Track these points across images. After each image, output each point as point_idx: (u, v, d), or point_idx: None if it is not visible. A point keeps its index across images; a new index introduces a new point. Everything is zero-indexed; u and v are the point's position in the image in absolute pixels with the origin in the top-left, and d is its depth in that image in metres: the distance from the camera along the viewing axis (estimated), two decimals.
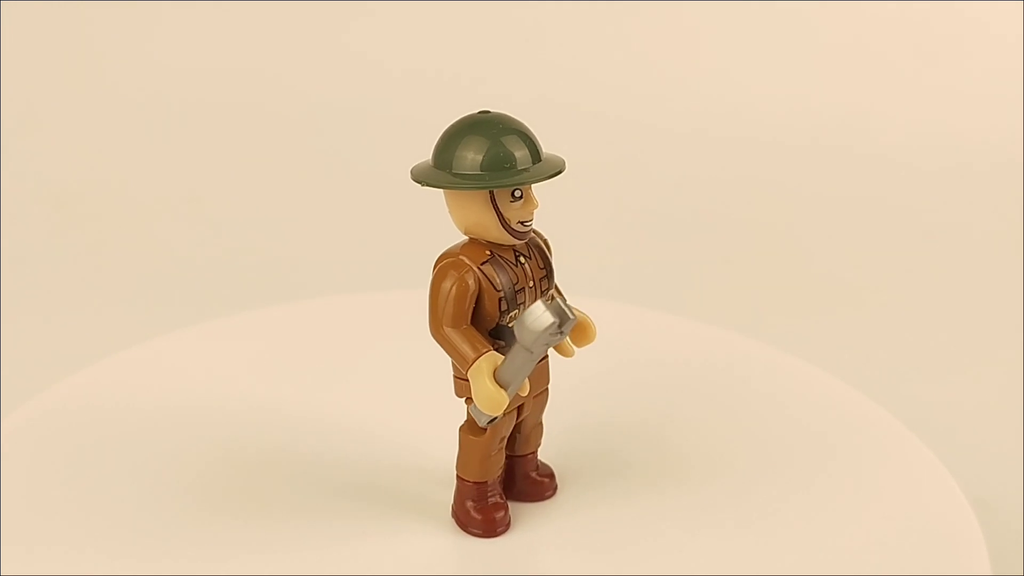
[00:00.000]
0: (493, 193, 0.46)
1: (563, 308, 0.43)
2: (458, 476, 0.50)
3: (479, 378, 0.46)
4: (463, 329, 0.47)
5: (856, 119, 1.13)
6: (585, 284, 0.60)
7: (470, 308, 0.47)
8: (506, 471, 0.52)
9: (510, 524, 0.51)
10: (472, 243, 0.48)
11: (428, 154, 0.48)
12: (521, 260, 0.48)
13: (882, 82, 1.16)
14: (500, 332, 0.47)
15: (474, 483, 0.50)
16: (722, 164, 1.08)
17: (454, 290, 0.47)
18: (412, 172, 0.47)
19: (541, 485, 0.53)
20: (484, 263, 0.47)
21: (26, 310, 0.84)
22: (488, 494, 0.50)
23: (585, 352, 0.50)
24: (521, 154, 0.46)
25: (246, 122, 1.12)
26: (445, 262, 0.47)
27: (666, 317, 0.70)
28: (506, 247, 0.48)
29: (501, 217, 0.47)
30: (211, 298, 0.86)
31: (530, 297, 0.48)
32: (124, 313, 0.85)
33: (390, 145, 0.95)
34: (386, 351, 0.63)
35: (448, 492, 0.51)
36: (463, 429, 0.50)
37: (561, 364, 0.50)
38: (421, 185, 0.47)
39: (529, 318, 0.43)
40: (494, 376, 0.46)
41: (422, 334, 0.48)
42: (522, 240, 0.48)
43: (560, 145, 0.51)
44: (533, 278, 0.48)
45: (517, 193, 0.46)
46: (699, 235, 0.98)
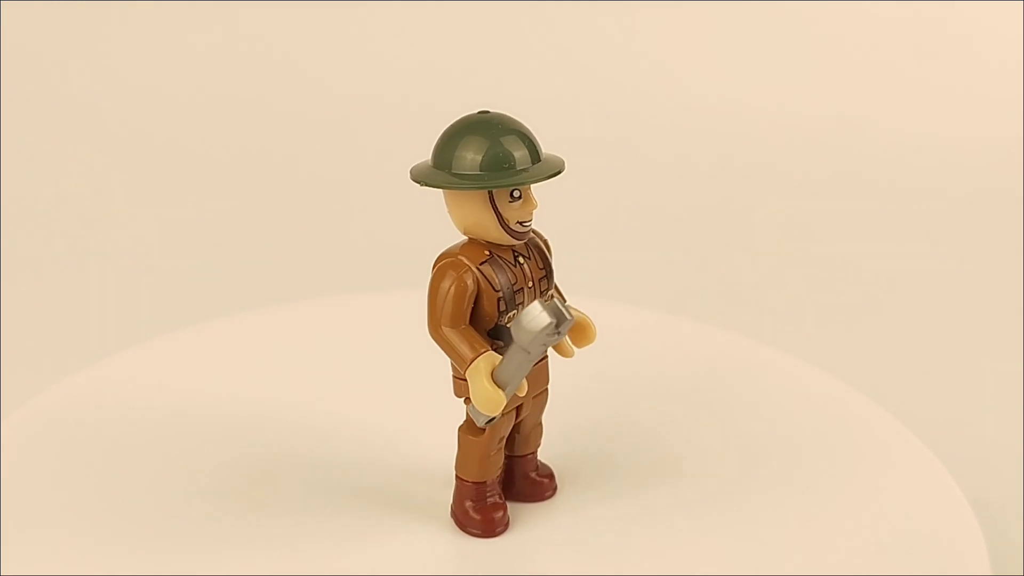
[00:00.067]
0: (492, 193, 0.46)
1: (560, 308, 0.43)
2: (457, 476, 0.50)
3: (477, 378, 0.46)
4: (461, 329, 0.47)
5: (856, 122, 1.13)
6: (585, 284, 0.60)
7: (468, 308, 0.47)
8: (506, 471, 0.52)
9: (509, 524, 0.51)
10: (471, 243, 0.48)
11: (428, 154, 0.48)
12: (520, 260, 0.48)
13: (882, 83, 1.16)
14: (499, 332, 0.47)
15: (473, 483, 0.50)
16: (722, 165, 1.08)
17: (452, 290, 0.47)
18: (411, 172, 0.47)
19: (541, 485, 0.53)
20: (483, 263, 0.47)
21: (26, 310, 0.84)
22: (487, 494, 0.50)
23: (585, 352, 0.50)
24: (520, 154, 0.46)
25: (246, 122, 1.12)
26: (444, 262, 0.47)
27: (666, 317, 0.70)
28: (505, 247, 0.48)
29: (500, 217, 0.47)
30: (211, 298, 0.85)
31: (529, 297, 0.48)
32: (124, 313, 0.84)
33: (390, 145, 0.95)
34: (386, 351, 0.63)
35: (447, 492, 0.51)
36: (462, 429, 0.50)
37: (561, 364, 0.50)
38: (420, 185, 0.47)
39: (526, 318, 0.43)
40: (492, 376, 0.46)
41: (422, 334, 0.48)
42: (521, 240, 0.48)
43: (560, 145, 0.51)
44: (532, 278, 0.48)
45: (516, 193, 0.46)
46: (699, 235, 0.98)
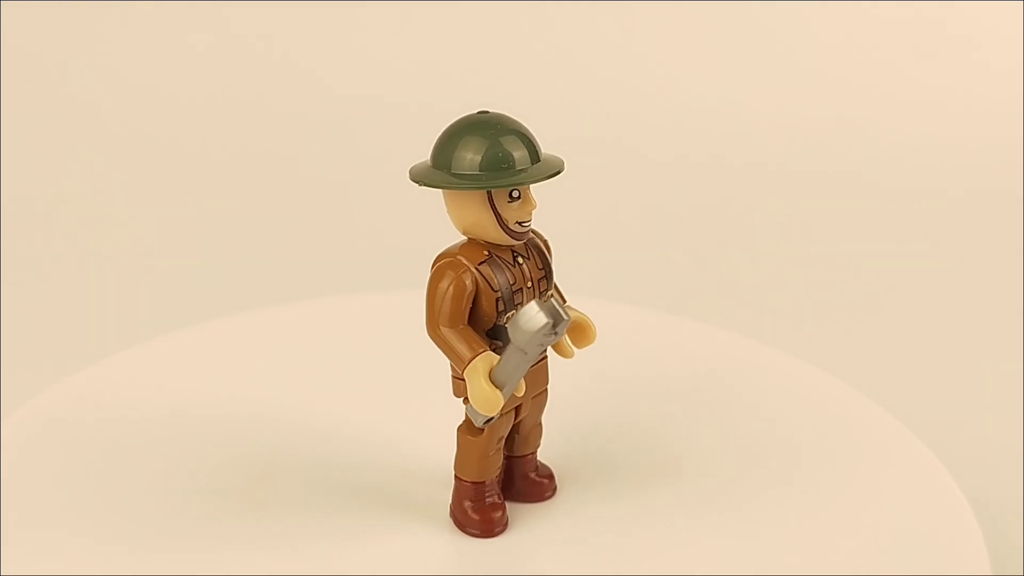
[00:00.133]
0: (491, 193, 0.46)
1: (557, 309, 0.43)
2: (456, 476, 0.50)
3: (474, 378, 0.46)
4: (459, 329, 0.47)
5: (856, 122, 1.13)
6: (585, 284, 0.60)
7: (467, 308, 0.47)
8: (505, 472, 0.52)
9: (508, 524, 0.51)
10: (470, 243, 0.48)
11: (427, 154, 0.48)
12: (519, 261, 0.48)
13: (882, 83, 1.16)
14: (497, 332, 0.47)
15: (472, 483, 0.50)
16: (722, 165, 1.08)
17: (451, 290, 0.47)
18: (411, 172, 0.47)
19: (540, 486, 0.53)
20: (482, 263, 0.47)
21: (26, 310, 0.84)
22: (486, 494, 0.50)
23: (585, 353, 0.50)
24: (520, 154, 0.46)
25: (246, 122, 1.12)
26: (442, 262, 0.47)
27: (666, 317, 0.70)
28: (504, 247, 0.48)
29: (499, 217, 0.47)
30: (211, 298, 0.85)
31: (528, 298, 0.48)
32: (124, 313, 0.84)
33: (390, 145, 0.95)
34: (386, 351, 0.63)
35: (446, 492, 0.51)
36: (461, 429, 0.50)
37: (561, 365, 0.50)
38: (419, 185, 0.47)
39: (523, 319, 0.43)
40: (490, 376, 0.46)
41: (422, 334, 0.48)
42: (520, 240, 0.48)
43: (560, 145, 0.50)
44: (531, 279, 0.48)
45: (515, 193, 0.46)
46: (699, 235, 0.98)
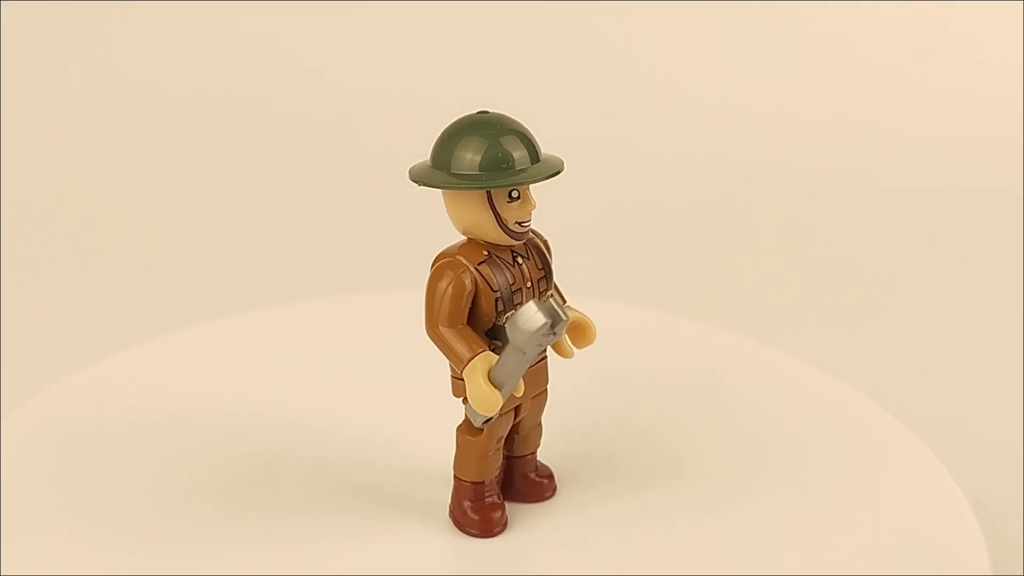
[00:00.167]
0: (490, 193, 0.46)
1: (555, 309, 0.43)
2: (455, 476, 0.50)
3: (473, 378, 0.46)
4: (458, 329, 0.47)
5: (856, 122, 1.13)
6: (585, 284, 0.60)
7: (466, 308, 0.47)
8: (505, 472, 0.52)
9: (507, 524, 0.51)
10: (470, 243, 0.48)
11: (427, 154, 0.48)
12: (519, 261, 0.48)
13: (882, 83, 1.16)
14: (496, 332, 0.47)
15: (471, 483, 0.50)
16: (722, 164, 1.08)
17: (450, 290, 0.47)
18: (410, 172, 0.47)
19: (540, 486, 0.53)
20: (481, 263, 0.47)
21: (26, 310, 0.84)
22: (485, 494, 0.50)
23: (585, 353, 0.50)
24: (519, 154, 0.46)
25: (246, 122, 1.12)
26: (442, 262, 0.47)
27: (666, 317, 0.70)
28: (504, 247, 0.48)
29: (498, 217, 0.47)
30: (211, 298, 0.85)
31: (527, 298, 0.48)
32: (124, 313, 0.84)
33: (390, 145, 0.95)
34: (386, 351, 0.63)
35: (446, 492, 0.51)
36: (460, 429, 0.50)
37: (561, 365, 0.50)
38: (418, 185, 0.47)
39: (521, 319, 0.43)
40: (488, 376, 0.46)
41: (421, 334, 0.48)
42: (519, 241, 0.48)
43: (560, 145, 0.50)
44: (531, 279, 0.48)
45: (515, 194, 0.46)
46: (699, 235, 0.98)
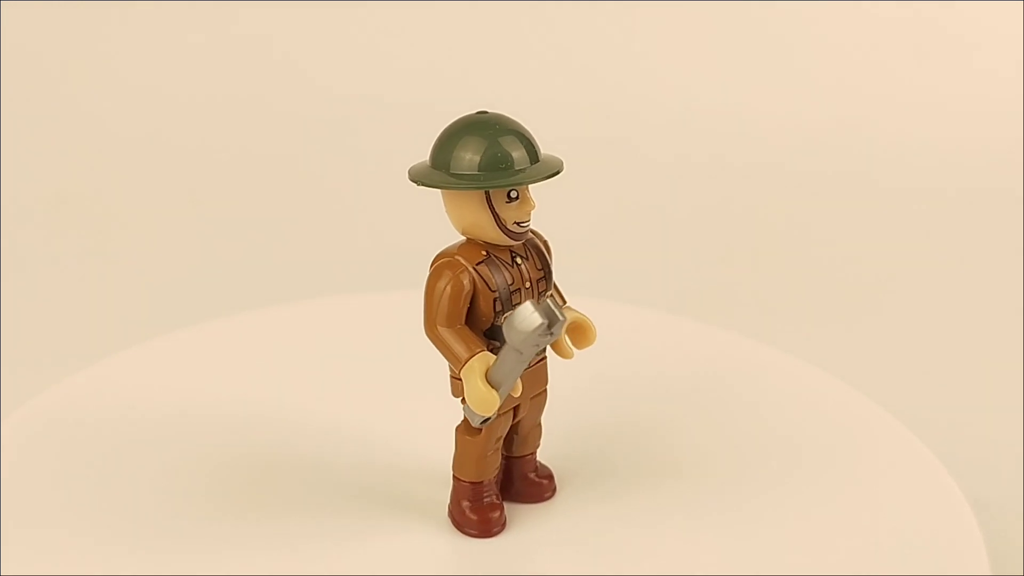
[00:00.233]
0: (489, 193, 0.46)
1: (552, 309, 0.43)
2: (454, 476, 0.50)
3: (471, 378, 0.46)
4: (457, 329, 0.47)
5: (856, 122, 1.13)
6: (585, 284, 0.60)
7: (464, 308, 0.47)
8: (505, 472, 0.52)
9: (506, 524, 0.51)
10: (469, 243, 0.48)
11: (427, 154, 0.48)
12: (518, 261, 0.48)
13: (882, 83, 1.16)
14: (495, 333, 0.47)
15: (470, 483, 0.50)
16: (722, 165, 1.08)
17: (448, 289, 0.47)
18: (410, 172, 0.47)
19: (540, 486, 0.53)
20: (480, 263, 0.47)
21: (26, 310, 0.84)
22: (484, 494, 0.50)
23: (585, 353, 0.50)
24: (518, 154, 0.46)
25: (246, 122, 1.12)
26: (441, 262, 0.47)
27: (666, 317, 0.70)
28: (503, 248, 0.48)
29: (497, 218, 0.47)
30: (211, 298, 0.85)
31: (526, 298, 0.48)
32: (124, 313, 0.84)
33: (390, 145, 0.95)
34: (386, 351, 0.63)
35: (445, 492, 0.51)
36: (459, 429, 0.50)
37: (560, 365, 0.50)
38: (417, 185, 0.47)
39: (518, 319, 0.43)
40: (486, 376, 0.46)
41: (421, 334, 0.48)
42: (518, 241, 0.48)
43: (560, 145, 0.50)
44: (530, 279, 0.48)
45: (513, 194, 0.46)
46: (699, 235, 0.98)
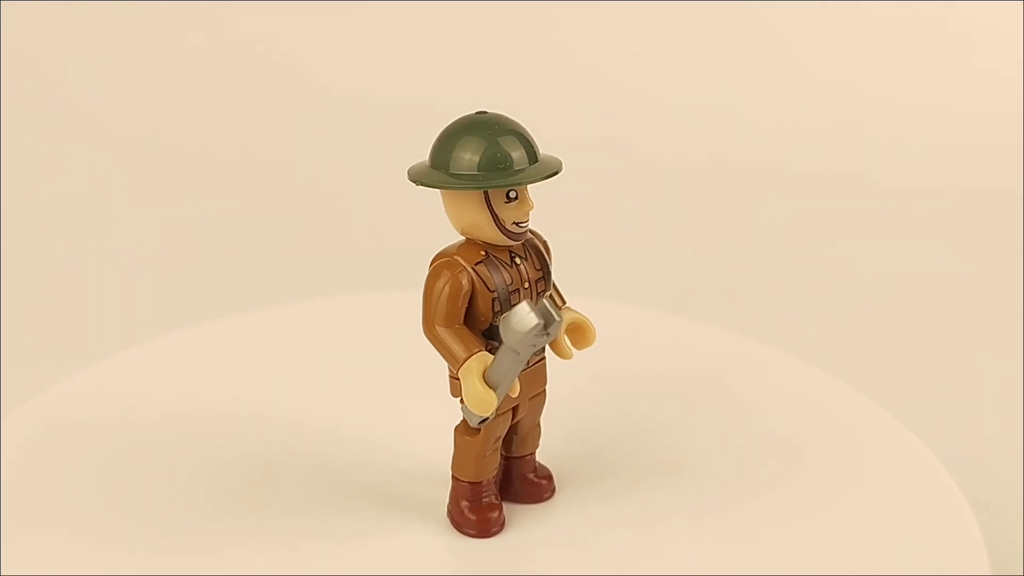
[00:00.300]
0: (488, 193, 0.46)
1: (549, 309, 0.43)
2: (453, 476, 0.50)
3: (469, 378, 0.46)
4: (455, 329, 0.47)
5: (856, 122, 1.13)
6: (585, 284, 0.60)
7: (463, 308, 0.47)
8: (504, 472, 0.52)
9: (504, 524, 0.51)
10: (468, 243, 0.48)
11: (426, 154, 0.48)
12: (517, 261, 0.48)
13: (882, 83, 1.16)
14: (493, 333, 0.47)
15: (469, 483, 0.50)
16: (722, 165, 1.08)
17: (447, 289, 0.47)
18: (409, 172, 0.47)
19: (539, 487, 0.53)
20: (478, 263, 0.47)
21: (26, 310, 0.84)
22: (483, 494, 0.50)
23: (584, 353, 0.50)
24: (518, 155, 0.46)
25: (246, 122, 1.12)
26: (439, 261, 0.47)
27: (666, 317, 0.70)
28: (502, 248, 0.48)
29: (496, 218, 0.47)
30: (211, 298, 0.86)
31: (525, 299, 0.48)
32: (124, 313, 0.85)
33: (390, 145, 0.95)
34: (386, 351, 0.63)
35: (444, 492, 0.51)
36: (458, 429, 0.50)
37: (560, 365, 0.50)
38: (416, 185, 0.47)
39: (514, 319, 0.43)
40: (483, 376, 0.46)
41: (421, 334, 0.48)
42: (517, 241, 0.48)
43: (559, 146, 0.50)
44: (529, 279, 0.48)
45: (512, 194, 0.46)
46: (699, 235, 0.98)
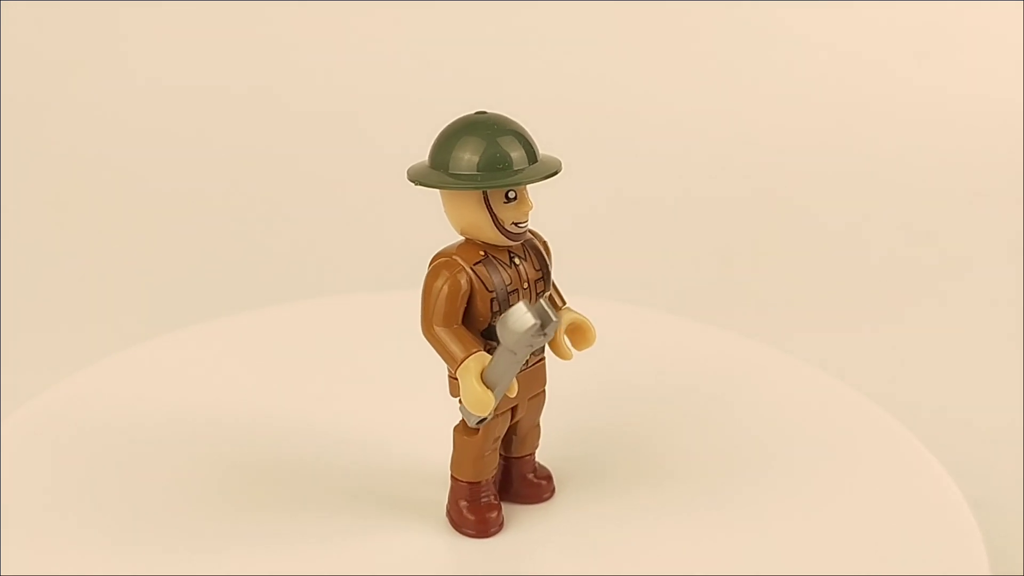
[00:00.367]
0: (486, 194, 0.46)
1: (546, 309, 0.43)
2: (452, 476, 0.50)
3: (466, 378, 0.46)
4: (454, 329, 0.47)
5: (856, 122, 1.13)
6: (585, 284, 0.60)
7: (461, 308, 0.47)
8: (504, 473, 0.52)
9: (503, 524, 0.51)
10: (467, 243, 0.48)
11: (426, 154, 0.48)
12: (516, 261, 0.48)
13: (882, 83, 1.16)
14: (492, 333, 0.47)
15: (467, 483, 0.50)
16: (722, 165, 1.08)
17: (445, 289, 0.47)
18: (408, 172, 0.47)
19: (539, 487, 0.53)
20: (477, 263, 0.47)
21: (26, 310, 0.84)
22: (481, 494, 0.50)
23: (584, 353, 0.50)
24: (517, 155, 0.46)
25: (246, 122, 1.12)
26: (438, 261, 0.47)
27: (666, 317, 0.70)
28: (501, 248, 0.48)
29: (495, 218, 0.47)
30: (211, 298, 0.86)
31: (524, 299, 0.48)
32: (124, 313, 0.85)
33: (389, 145, 0.95)
34: (384, 351, 0.63)
35: (443, 492, 0.51)
36: (457, 429, 0.50)
37: (560, 366, 0.50)
38: (416, 185, 0.47)
39: (511, 319, 0.43)
40: (481, 377, 0.46)
41: (420, 334, 0.48)
42: (516, 241, 0.48)
43: (559, 146, 0.50)
44: (528, 280, 0.48)
45: (511, 194, 0.46)
46: (699, 235, 0.98)
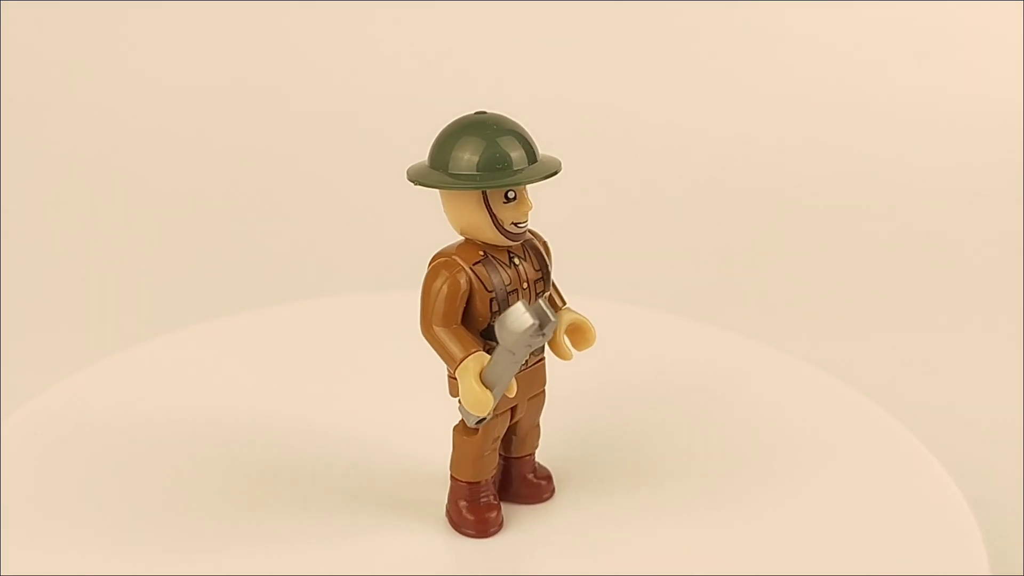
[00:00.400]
0: (486, 194, 0.46)
1: (544, 310, 0.43)
2: (452, 476, 0.50)
3: (465, 378, 0.46)
4: (453, 328, 0.47)
5: (855, 122, 1.13)
6: (585, 284, 0.60)
7: (460, 308, 0.47)
8: (503, 473, 0.52)
9: (503, 524, 0.51)
10: (467, 243, 0.48)
11: (425, 154, 0.48)
12: (515, 261, 0.48)
13: (882, 83, 1.16)
14: (491, 333, 0.47)
15: (467, 483, 0.50)
16: (722, 165, 1.08)
17: (445, 289, 0.47)
18: (408, 172, 0.47)
19: (539, 487, 0.53)
20: (477, 263, 0.47)
21: (26, 310, 0.84)
22: (481, 494, 0.50)
23: (584, 353, 0.50)
24: (517, 155, 0.46)
25: (246, 122, 1.12)
26: (438, 261, 0.47)
27: (666, 317, 0.70)
28: (500, 248, 0.48)
29: (494, 218, 0.47)
30: (211, 298, 0.86)
31: (523, 299, 0.48)
32: (124, 313, 0.85)
33: (389, 145, 0.96)
34: (384, 351, 0.63)
35: (442, 492, 0.51)
36: (457, 429, 0.50)
37: (559, 366, 0.50)
38: (415, 185, 0.47)
39: (509, 319, 0.43)
40: (480, 377, 0.46)
41: (419, 334, 0.48)
42: (516, 241, 0.48)
43: (559, 146, 0.50)
44: (527, 280, 0.48)
45: (511, 194, 0.46)
46: (699, 235, 0.98)
